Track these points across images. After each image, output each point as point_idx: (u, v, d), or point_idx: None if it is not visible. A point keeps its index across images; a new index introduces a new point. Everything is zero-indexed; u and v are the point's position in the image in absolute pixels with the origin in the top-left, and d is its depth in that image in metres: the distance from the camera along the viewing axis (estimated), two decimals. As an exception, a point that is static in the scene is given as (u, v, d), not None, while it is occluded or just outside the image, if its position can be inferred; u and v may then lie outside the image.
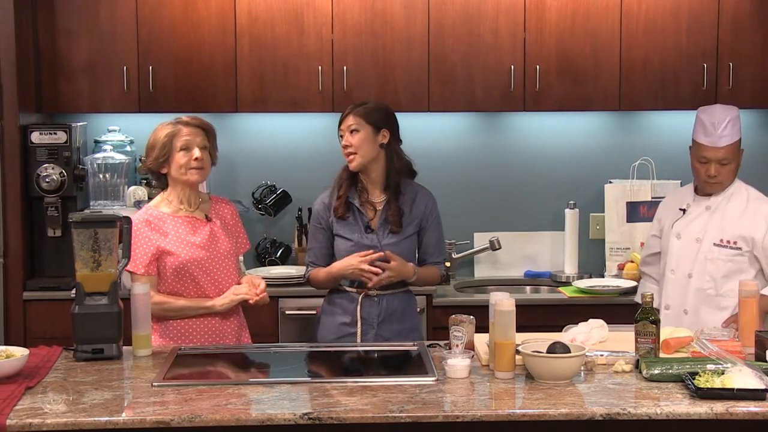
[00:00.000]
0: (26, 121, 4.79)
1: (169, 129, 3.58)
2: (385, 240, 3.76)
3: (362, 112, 3.75)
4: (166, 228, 3.59)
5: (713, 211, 3.80)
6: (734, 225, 3.77)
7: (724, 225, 3.77)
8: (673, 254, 3.86)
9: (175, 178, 3.61)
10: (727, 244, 3.76)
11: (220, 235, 3.65)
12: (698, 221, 3.82)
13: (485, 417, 2.75)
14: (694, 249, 3.80)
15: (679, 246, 3.84)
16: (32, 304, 4.72)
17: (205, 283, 3.60)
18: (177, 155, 3.57)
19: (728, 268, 3.76)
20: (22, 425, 2.68)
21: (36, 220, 4.81)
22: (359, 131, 3.73)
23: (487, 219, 5.31)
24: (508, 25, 4.94)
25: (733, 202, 3.81)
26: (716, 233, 3.77)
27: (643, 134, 5.29)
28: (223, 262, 3.63)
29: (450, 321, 3.25)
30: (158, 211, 3.63)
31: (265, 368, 3.35)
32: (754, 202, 3.82)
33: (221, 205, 3.76)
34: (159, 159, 3.58)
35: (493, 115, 5.27)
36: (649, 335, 3.15)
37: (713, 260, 3.76)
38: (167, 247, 3.56)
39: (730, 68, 4.94)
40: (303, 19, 4.92)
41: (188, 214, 3.63)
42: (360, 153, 3.73)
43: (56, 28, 4.89)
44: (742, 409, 2.75)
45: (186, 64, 4.92)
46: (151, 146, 3.60)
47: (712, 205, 3.81)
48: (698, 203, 3.85)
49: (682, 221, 3.85)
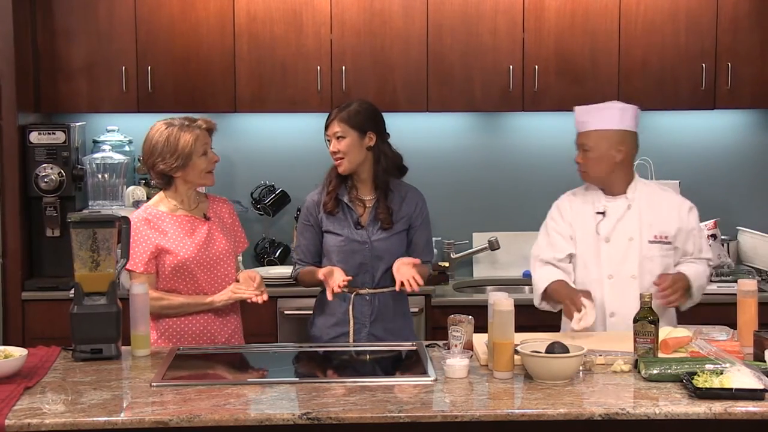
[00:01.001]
0: (25, 121, 4.79)
1: (190, 135, 3.53)
2: (374, 236, 3.77)
3: (346, 118, 3.74)
4: (165, 227, 3.59)
5: (634, 209, 3.69)
6: (661, 221, 3.69)
7: (652, 221, 3.68)
8: (607, 258, 3.67)
9: (190, 182, 3.60)
10: (661, 239, 3.67)
11: (218, 234, 3.66)
12: (625, 221, 3.68)
13: (484, 417, 2.75)
14: (631, 249, 3.67)
15: (611, 249, 3.68)
16: (31, 304, 4.72)
17: (204, 282, 3.60)
18: (198, 160, 3.55)
19: (665, 263, 3.68)
20: (21, 425, 2.68)
21: (34, 220, 4.81)
22: (345, 137, 3.73)
23: (485, 219, 5.31)
24: (506, 25, 4.94)
25: (650, 197, 3.72)
26: (648, 230, 3.67)
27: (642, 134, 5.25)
28: (221, 261, 3.63)
29: (449, 321, 3.25)
30: (157, 210, 3.62)
31: (264, 368, 3.34)
32: (661, 194, 3.75)
33: (219, 204, 3.76)
34: (177, 163, 3.53)
35: (491, 115, 5.27)
36: (648, 335, 3.15)
37: (652, 258, 3.67)
38: (166, 246, 3.56)
39: (728, 68, 4.94)
40: (302, 19, 4.92)
41: (187, 213, 3.63)
42: (347, 158, 3.74)
43: (55, 27, 4.89)
44: (740, 409, 2.75)
45: (184, 64, 4.92)
46: (168, 150, 3.51)
47: (632, 203, 3.69)
48: (616, 203, 3.70)
49: (605, 224, 3.69)
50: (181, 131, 3.54)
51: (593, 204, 3.72)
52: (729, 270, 4.92)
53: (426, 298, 4.73)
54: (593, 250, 3.69)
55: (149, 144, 3.57)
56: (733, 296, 3.54)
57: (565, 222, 3.75)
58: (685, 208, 3.76)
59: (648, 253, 3.67)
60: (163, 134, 3.54)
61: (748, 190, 5.36)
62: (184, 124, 3.56)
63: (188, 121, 3.58)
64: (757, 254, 5.09)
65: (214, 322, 3.62)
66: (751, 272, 4.88)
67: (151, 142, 3.56)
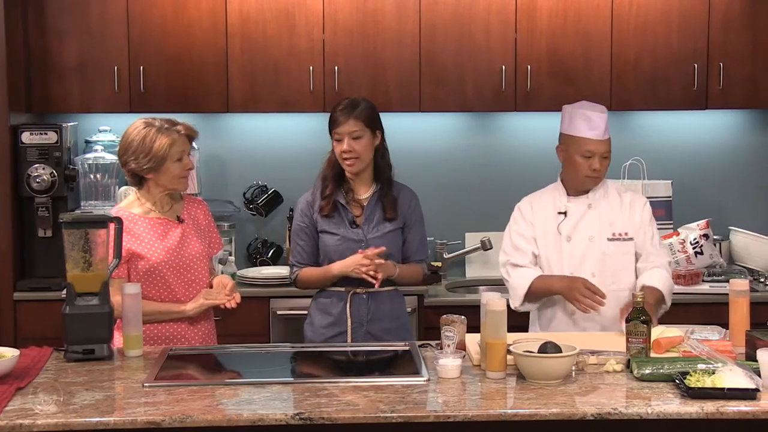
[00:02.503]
0: (16, 121, 4.77)
1: (166, 139, 3.49)
2: (370, 234, 3.76)
3: (362, 116, 3.69)
4: (137, 230, 3.54)
5: (594, 208, 3.77)
6: (619, 218, 3.78)
7: (611, 219, 3.77)
8: (568, 257, 3.75)
9: (162, 185, 3.56)
10: (620, 236, 3.75)
11: (192, 237, 3.62)
12: (586, 220, 3.76)
13: (476, 417, 2.75)
14: (591, 247, 3.75)
15: (572, 248, 3.76)
16: (23, 305, 4.71)
17: (176, 286, 3.57)
18: (172, 165, 3.52)
19: (624, 260, 3.75)
20: (13, 426, 2.67)
21: (26, 220, 4.80)
22: (362, 137, 3.69)
23: (478, 219, 5.31)
24: (499, 26, 4.94)
25: (609, 196, 3.81)
26: (607, 228, 3.76)
27: (634, 134, 5.31)
28: (194, 265, 3.60)
29: (441, 321, 3.25)
30: (129, 212, 3.57)
31: (257, 368, 3.34)
32: (626, 195, 3.84)
33: (194, 206, 3.71)
34: (149, 165, 3.50)
35: (484, 115, 5.27)
36: (640, 335, 3.15)
37: (611, 255, 3.74)
38: (138, 250, 3.52)
39: (720, 68, 4.95)
40: (294, 19, 4.92)
41: (160, 216, 3.59)
42: (361, 158, 3.71)
43: (46, 27, 4.88)
44: (732, 408, 2.75)
45: (177, 64, 4.91)
46: (142, 151, 3.48)
47: (592, 202, 3.78)
48: (577, 203, 3.78)
49: (567, 223, 3.77)
50: (158, 133, 3.50)
51: (555, 204, 3.81)
52: (721, 270, 4.93)
53: (418, 298, 4.73)
54: (555, 249, 3.78)
55: (125, 141, 3.53)
56: (725, 296, 3.56)
57: (527, 223, 3.82)
58: (641, 203, 3.83)
59: (607, 250, 3.75)
60: (140, 133, 3.50)
61: (740, 190, 5.37)
62: (164, 127, 3.52)
63: (168, 124, 3.54)
64: (749, 254, 5.10)
65: (188, 328, 3.60)
66: (743, 272, 4.89)
67: (127, 139, 3.52)
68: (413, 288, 4.43)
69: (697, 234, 4.98)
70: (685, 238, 4.99)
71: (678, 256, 4.95)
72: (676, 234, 5.03)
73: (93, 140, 5.06)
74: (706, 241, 4.98)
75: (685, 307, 4.58)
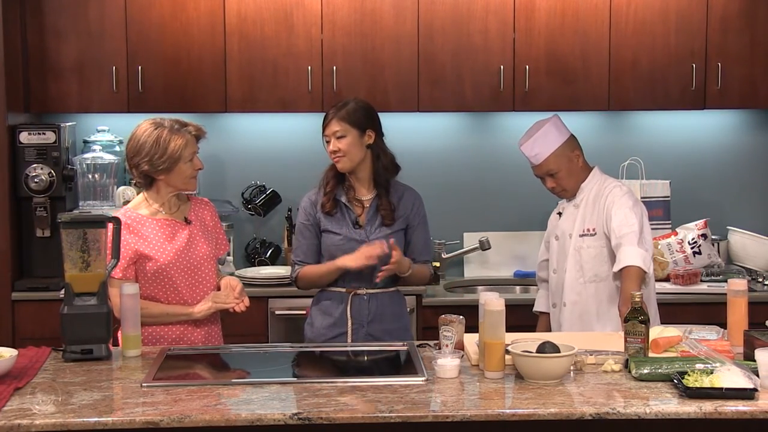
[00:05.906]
0: (15, 121, 4.77)
1: (181, 140, 3.48)
2: (373, 235, 3.76)
3: (346, 116, 3.72)
4: (145, 231, 3.54)
5: (578, 207, 3.94)
6: (591, 214, 3.90)
7: (585, 216, 3.91)
8: (553, 254, 4.01)
9: (173, 185, 3.56)
10: (587, 232, 3.88)
11: (199, 238, 3.61)
12: (569, 219, 3.95)
13: (475, 417, 2.75)
14: (569, 244, 3.92)
15: (557, 246, 3.99)
16: (21, 305, 4.71)
17: (183, 287, 3.56)
18: (184, 166, 3.51)
19: (591, 254, 3.86)
20: (11, 426, 2.67)
21: (24, 220, 4.80)
22: (345, 136, 3.72)
23: (476, 219, 5.31)
24: (497, 25, 4.94)
25: (592, 194, 3.93)
26: (580, 225, 3.90)
27: (632, 134, 5.31)
28: (201, 266, 3.59)
29: (440, 321, 3.25)
30: (136, 213, 3.57)
31: (255, 368, 3.34)
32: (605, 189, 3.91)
33: (201, 207, 3.70)
34: (164, 166, 3.48)
35: (482, 115, 5.27)
36: (638, 335, 3.15)
37: (579, 249, 3.88)
38: (146, 251, 3.51)
39: (718, 68, 4.95)
40: (292, 19, 4.92)
41: (167, 217, 3.58)
42: (348, 157, 3.73)
43: (45, 27, 4.88)
44: (730, 408, 2.75)
45: (175, 64, 4.91)
46: (156, 152, 3.46)
47: (579, 202, 3.94)
48: (569, 204, 3.99)
49: (558, 224, 4.01)
50: (171, 134, 3.49)
51: (558, 206, 4.06)
52: (719, 270, 4.93)
53: (417, 298, 4.73)
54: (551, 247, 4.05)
55: (135, 143, 3.50)
56: (723, 296, 3.56)
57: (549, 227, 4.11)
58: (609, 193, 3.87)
59: (577, 245, 3.90)
60: (152, 135, 3.48)
61: (738, 190, 5.38)
62: (174, 127, 3.51)
63: (178, 125, 3.53)
64: (747, 254, 5.10)
65: (193, 330, 3.59)
66: (741, 272, 4.90)
67: (138, 141, 3.49)
68: (411, 288, 4.43)
69: (695, 234, 4.99)
70: (683, 238, 4.99)
71: (676, 255, 4.96)
72: (674, 234, 5.03)
73: (91, 140, 5.06)
74: (704, 241, 4.98)
75: (683, 306, 4.60)
